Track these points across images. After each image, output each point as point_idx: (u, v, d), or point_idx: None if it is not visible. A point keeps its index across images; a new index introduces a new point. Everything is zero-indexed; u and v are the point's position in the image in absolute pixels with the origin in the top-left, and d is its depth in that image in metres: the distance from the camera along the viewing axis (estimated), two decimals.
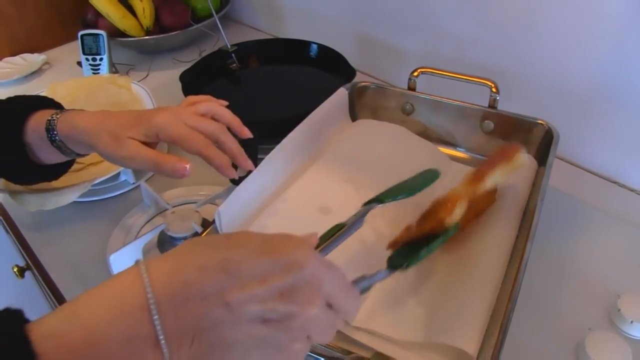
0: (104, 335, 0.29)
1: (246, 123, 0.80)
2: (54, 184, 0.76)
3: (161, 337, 0.30)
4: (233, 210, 0.61)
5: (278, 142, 0.68)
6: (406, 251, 0.51)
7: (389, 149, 0.75)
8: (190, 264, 0.32)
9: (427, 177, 0.57)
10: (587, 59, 0.75)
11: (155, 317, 0.30)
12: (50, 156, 0.61)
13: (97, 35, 1.07)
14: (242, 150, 0.58)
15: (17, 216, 0.79)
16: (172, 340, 0.30)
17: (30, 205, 0.72)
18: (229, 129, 0.59)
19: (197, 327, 0.30)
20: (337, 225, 0.47)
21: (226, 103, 0.62)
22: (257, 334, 0.31)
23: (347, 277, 0.37)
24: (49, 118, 0.58)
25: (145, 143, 0.55)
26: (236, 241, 0.33)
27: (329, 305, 0.34)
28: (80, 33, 1.07)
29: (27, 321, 0.30)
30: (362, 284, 0.41)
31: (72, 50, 1.19)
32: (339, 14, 1.08)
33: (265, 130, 0.80)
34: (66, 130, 0.57)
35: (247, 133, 0.60)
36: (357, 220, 0.48)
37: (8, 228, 0.83)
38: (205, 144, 0.54)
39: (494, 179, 0.57)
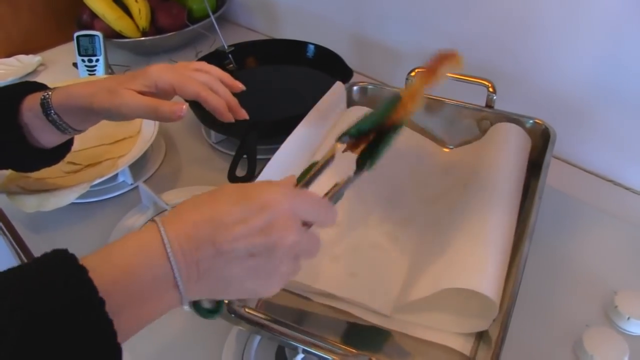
0: (135, 274, 0.36)
1: (245, 124, 0.81)
2: (53, 184, 0.76)
3: (178, 278, 0.37)
4: None
5: (276, 142, 0.68)
6: (367, 152, 0.53)
7: None
8: (189, 221, 0.38)
9: (389, 101, 0.57)
10: (582, 59, 0.75)
11: (174, 264, 0.36)
12: (47, 136, 0.61)
13: (93, 36, 1.07)
14: (236, 100, 0.61)
15: (15, 217, 0.79)
16: (184, 281, 0.37)
17: (28, 207, 0.72)
18: None
19: (200, 269, 0.37)
20: (311, 165, 0.48)
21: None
22: (248, 266, 0.38)
23: (315, 194, 0.43)
24: (44, 94, 0.59)
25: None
26: (217, 197, 0.40)
27: (308, 225, 0.41)
28: (75, 34, 1.07)
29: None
30: (337, 194, 0.45)
31: (68, 51, 1.18)
32: (335, 14, 1.08)
33: (263, 131, 0.80)
34: (60, 99, 0.58)
35: (240, 86, 0.63)
36: (329, 157, 0.50)
37: (5, 230, 0.83)
38: (203, 87, 0.58)
39: (444, 72, 0.59)
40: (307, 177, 0.47)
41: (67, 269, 0.34)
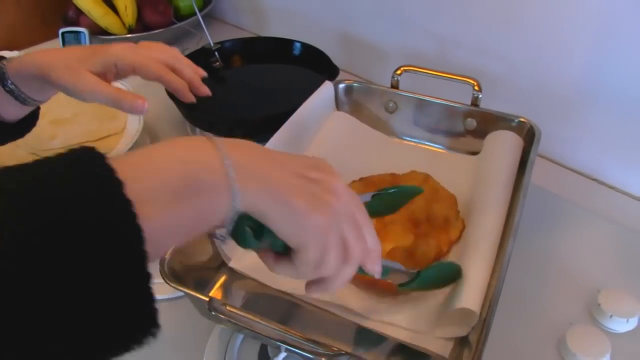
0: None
1: (230, 121, 0.80)
2: None
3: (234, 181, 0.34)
4: None
5: (262, 140, 0.68)
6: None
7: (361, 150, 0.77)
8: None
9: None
10: (568, 58, 0.76)
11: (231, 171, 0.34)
12: (8, 108, 0.60)
13: (78, 32, 1.06)
14: (198, 77, 0.61)
15: None
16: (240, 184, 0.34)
17: None
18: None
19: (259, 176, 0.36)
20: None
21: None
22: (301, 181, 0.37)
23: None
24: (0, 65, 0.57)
25: (102, 78, 0.56)
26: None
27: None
28: (61, 30, 1.06)
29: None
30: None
31: (53, 48, 1.17)
32: (321, 13, 1.08)
33: (249, 129, 0.80)
34: (17, 67, 0.57)
35: (201, 72, 0.63)
36: None
37: None
38: (164, 69, 0.58)
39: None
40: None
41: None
